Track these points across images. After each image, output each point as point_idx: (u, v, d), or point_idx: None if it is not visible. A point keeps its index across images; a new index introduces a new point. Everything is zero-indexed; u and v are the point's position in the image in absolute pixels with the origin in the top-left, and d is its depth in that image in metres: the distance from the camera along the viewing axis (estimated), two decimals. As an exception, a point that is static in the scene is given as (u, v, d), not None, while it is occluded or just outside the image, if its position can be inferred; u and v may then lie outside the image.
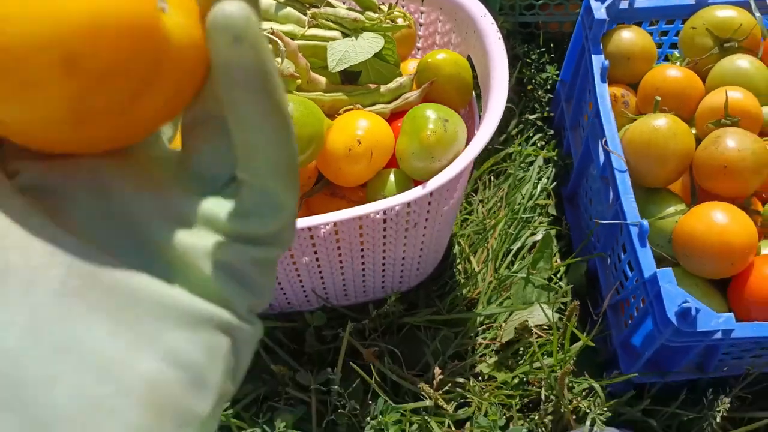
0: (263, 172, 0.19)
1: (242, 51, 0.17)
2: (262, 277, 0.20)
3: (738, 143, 0.65)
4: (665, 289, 0.61)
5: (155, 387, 0.17)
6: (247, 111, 0.18)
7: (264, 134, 0.19)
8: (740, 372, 0.71)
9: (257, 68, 0.17)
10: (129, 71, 0.17)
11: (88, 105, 0.17)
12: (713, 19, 0.76)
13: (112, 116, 0.18)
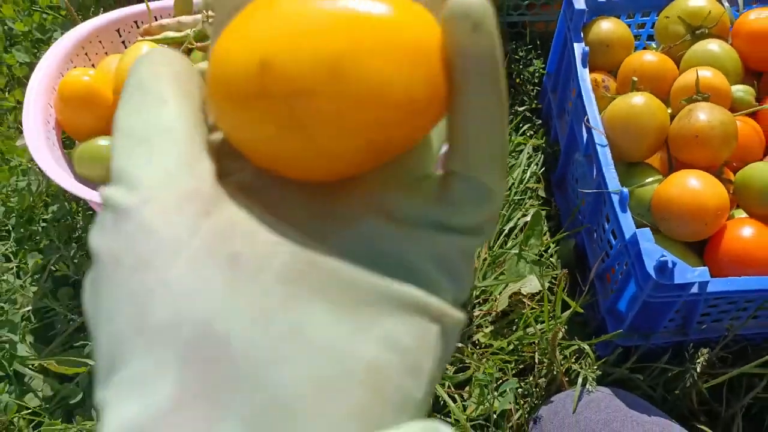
0: (480, 162, 0.20)
1: (480, 38, 0.18)
2: (467, 267, 0.20)
3: (708, 115, 0.71)
4: (644, 247, 0.66)
5: (376, 370, 0.17)
6: (477, 99, 0.19)
7: (487, 123, 0.19)
8: (721, 334, 0.76)
9: (492, 56, 0.18)
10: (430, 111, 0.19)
11: (385, 140, 0.19)
12: (685, 9, 0.82)
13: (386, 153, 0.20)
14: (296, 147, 0.19)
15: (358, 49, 0.18)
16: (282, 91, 0.18)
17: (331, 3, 0.18)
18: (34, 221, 0.87)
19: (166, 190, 0.18)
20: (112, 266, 0.17)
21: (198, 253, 0.17)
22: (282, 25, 0.18)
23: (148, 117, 0.19)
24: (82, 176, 0.77)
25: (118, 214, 0.17)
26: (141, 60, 0.20)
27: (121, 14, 0.87)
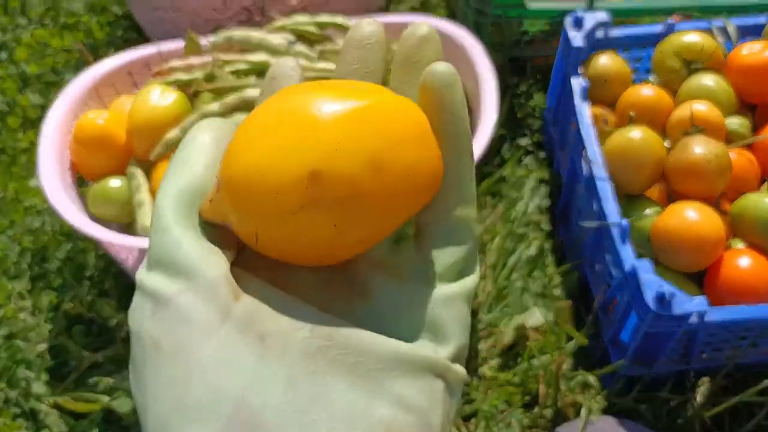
0: (459, 205, 0.22)
1: (454, 92, 0.22)
2: (461, 317, 0.22)
3: (703, 148, 0.73)
4: (643, 278, 0.68)
5: (393, 429, 0.19)
6: (454, 146, 0.22)
7: (463, 167, 0.22)
8: (722, 363, 0.77)
9: (463, 107, 0.22)
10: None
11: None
12: (680, 44, 0.84)
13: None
14: (325, 244, 0.21)
15: (391, 143, 0.20)
16: (333, 197, 0.19)
17: (344, 105, 0.20)
18: (48, 260, 0.89)
19: (198, 279, 0.20)
20: (154, 351, 0.19)
21: (229, 336, 0.19)
22: (316, 134, 0.20)
23: (180, 201, 0.21)
24: (95, 216, 0.79)
25: (158, 302, 0.20)
26: (193, 135, 0.23)
27: (132, 56, 0.90)
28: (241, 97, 0.77)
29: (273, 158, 0.20)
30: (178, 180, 0.22)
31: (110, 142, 0.80)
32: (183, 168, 0.22)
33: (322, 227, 0.20)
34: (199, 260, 0.20)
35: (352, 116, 0.20)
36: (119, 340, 0.82)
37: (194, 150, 0.22)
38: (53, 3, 1.21)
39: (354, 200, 0.20)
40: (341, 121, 0.20)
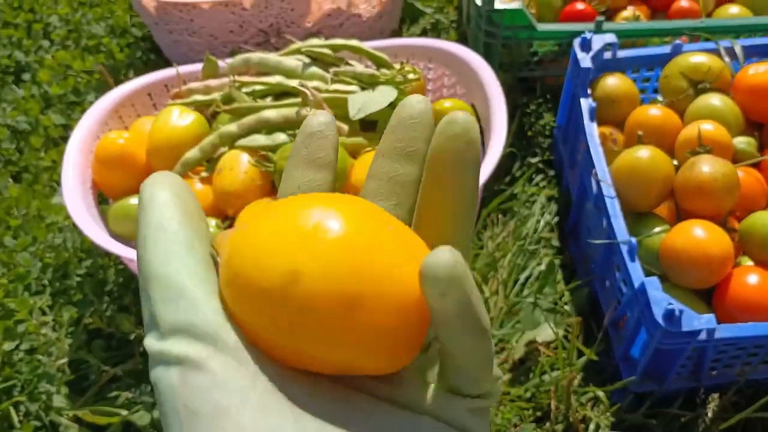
0: (467, 383, 0.23)
1: (448, 304, 0.20)
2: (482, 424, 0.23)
3: (710, 167, 0.74)
4: (652, 295, 0.69)
5: None
6: (455, 345, 0.21)
7: (471, 362, 0.22)
8: (733, 380, 0.78)
9: (461, 315, 0.20)
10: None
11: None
12: (687, 65, 0.86)
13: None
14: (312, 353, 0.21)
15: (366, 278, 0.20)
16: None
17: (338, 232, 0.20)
18: (69, 276, 0.91)
19: (222, 344, 0.20)
20: (192, 418, 0.19)
21: (263, 398, 0.20)
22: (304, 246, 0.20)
23: (180, 266, 0.21)
24: (115, 233, 0.82)
25: (187, 368, 0.20)
26: (151, 193, 0.22)
27: (152, 79, 0.92)
28: (258, 118, 0.80)
29: (262, 254, 0.21)
30: (168, 247, 0.21)
31: (130, 162, 0.82)
32: (163, 234, 0.22)
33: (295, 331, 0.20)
34: (220, 325, 0.20)
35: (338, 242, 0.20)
36: (138, 354, 0.83)
37: (161, 212, 0.22)
38: (75, 26, 1.24)
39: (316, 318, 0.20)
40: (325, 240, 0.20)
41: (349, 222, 0.21)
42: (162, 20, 1.07)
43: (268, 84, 0.84)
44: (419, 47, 0.94)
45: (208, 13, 1.04)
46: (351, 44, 0.89)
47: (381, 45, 0.92)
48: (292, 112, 0.79)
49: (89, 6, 1.29)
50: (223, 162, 0.78)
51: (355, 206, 0.22)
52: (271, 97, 0.85)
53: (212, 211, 0.79)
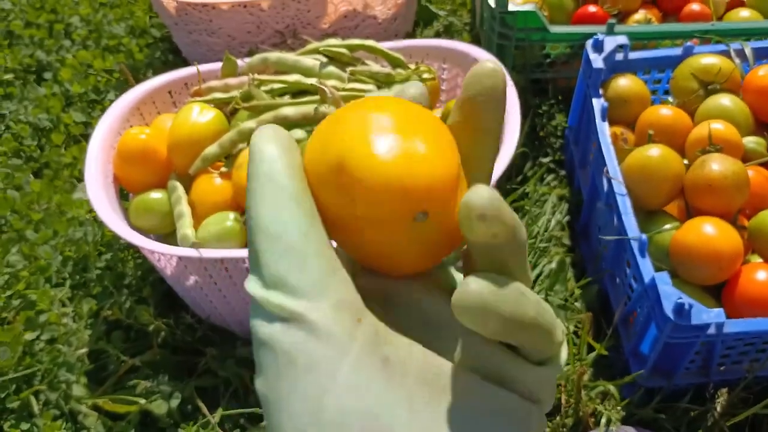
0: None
1: (499, 238, 0.21)
2: (550, 390, 0.24)
3: (721, 165, 0.76)
4: (662, 290, 0.70)
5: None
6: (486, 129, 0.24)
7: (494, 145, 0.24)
8: (741, 375, 0.79)
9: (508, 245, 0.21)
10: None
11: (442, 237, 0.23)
12: (698, 66, 0.87)
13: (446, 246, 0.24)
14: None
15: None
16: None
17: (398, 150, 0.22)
18: (88, 269, 0.94)
19: (323, 299, 0.21)
20: (288, 365, 0.21)
21: (359, 357, 0.21)
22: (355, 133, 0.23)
23: (288, 219, 0.22)
24: (136, 226, 0.83)
25: (288, 318, 0.21)
26: (261, 147, 0.23)
27: (172, 77, 0.94)
28: (276, 115, 0.81)
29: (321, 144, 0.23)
30: (277, 200, 0.22)
31: (152, 157, 0.84)
32: (272, 187, 0.22)
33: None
34: (323, 281, 0.21)
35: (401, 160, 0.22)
36: (156, 345, 0.85)
37: (270, 165, 0.23)
38: (96, 26, 1.27)
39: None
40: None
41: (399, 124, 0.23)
42: (181, 20, 1.09)
43: (287, 82, 0.86)
44: (434, 48, 0.95)
45: (226, 14, 1.06)
46: (367, 44, 0.91)
47: (396, 45, 0.94)
48: (310, 110, 0.81)
49: (110, 7, 1.31)
50: (242, 158, 0.80)
51: (403, 107, 0.24)
52: (288, 96, 0.87)
53: (232, 205, 0.81)
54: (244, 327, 0.88)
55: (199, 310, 0.88)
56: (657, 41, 1.04)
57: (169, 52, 1.23)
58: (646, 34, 1.02)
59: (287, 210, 0.22)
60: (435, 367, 0.22)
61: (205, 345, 0.86)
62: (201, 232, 0.78)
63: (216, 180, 0.82)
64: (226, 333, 0.88)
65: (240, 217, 0.79)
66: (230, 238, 0.77)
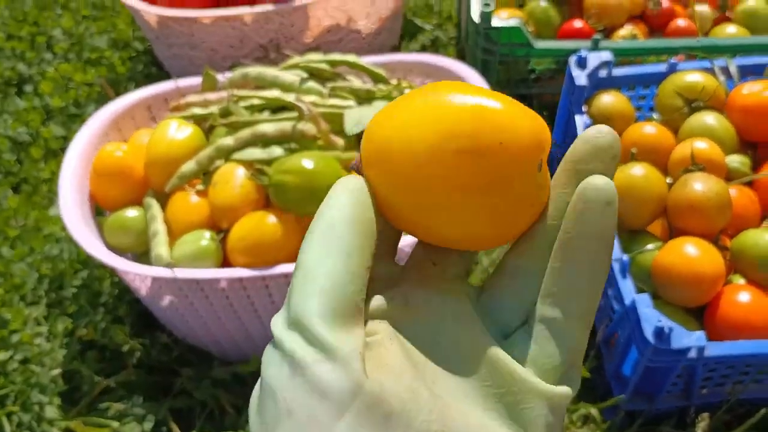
0: (575, 314, 0.23)
1: (608, 217, 0.23)
2: (558, 423, 0.24)
3: (703, 186, 0.75)
4: (642, 313, 0.69)
5: None
6: (593, 259, 0.23)
7: (594, 281, 0.23)
8: (724, 398, 0.78)
9: (613, 228, 0.23)
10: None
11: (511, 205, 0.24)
12: (682, 83, 0.87)
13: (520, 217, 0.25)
14: (461, 215, 0.24)
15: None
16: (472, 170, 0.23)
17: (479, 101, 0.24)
18: (64, 287, 0.92)
19: (337, 350, 0.21)
20: (286, 415, 0.20)
21: (359, 415, 0.20)
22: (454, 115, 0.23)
23: (332, 268, 0.22)
24: (111, 245, 0.82)
25: (296, 366, 0.21)
26: (337, 192, 0.24)
27: (152, 92, 0.93)
28: (254, 131, 0.80)
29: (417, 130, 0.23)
30: (329, 246, 0.23)
31: (128, 174, 0.83)
32: (329, 232, 0.23)
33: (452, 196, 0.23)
34: (339, 334, 0.21)
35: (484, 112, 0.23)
36: (131, 365, 0.84)
37: (337, 211, 0.23)
38: (78, 39, 1.26)
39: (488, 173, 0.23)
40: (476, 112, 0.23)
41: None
42: (163, 34, 1.08)
43: (266, 98, 0.85)
44: (416, 63, 0.94)
45: (208, 28, 1.05)
46: (348, 59, 0.90)
47: (379, 61, 0.93)
48: (288, 126, 0.80)
49: (93, 19, 1.30)
50: (219, 175, 0.79)
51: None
52: (268, 111, 0.86)
53: (208, 223, 0.80)
54: (222, 347, 0.86)
55: (175, 329, 0.86)
56: (643, 57, 1.03)
57: (152, 65, 1.22)
58: (631, 50, 1.01)
59: (335, 259, 0.22)
60: (440, 422, 0.22)
61: (181, 365, 0.85)
62: (176, 251, 0.77)
63: (192, 198, 0.81)
64: (203, 353, 0.87)
65: (216, 236, 0.77)
66: (206, 258, 0.76)
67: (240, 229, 0.76)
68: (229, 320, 0.81)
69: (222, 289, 0.76)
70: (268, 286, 0.75)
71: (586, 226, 0.23)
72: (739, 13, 1.10)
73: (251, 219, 0.76)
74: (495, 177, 0.23)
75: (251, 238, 0.75)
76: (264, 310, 0.79)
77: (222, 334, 0.84)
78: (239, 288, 0.76)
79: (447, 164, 0.23)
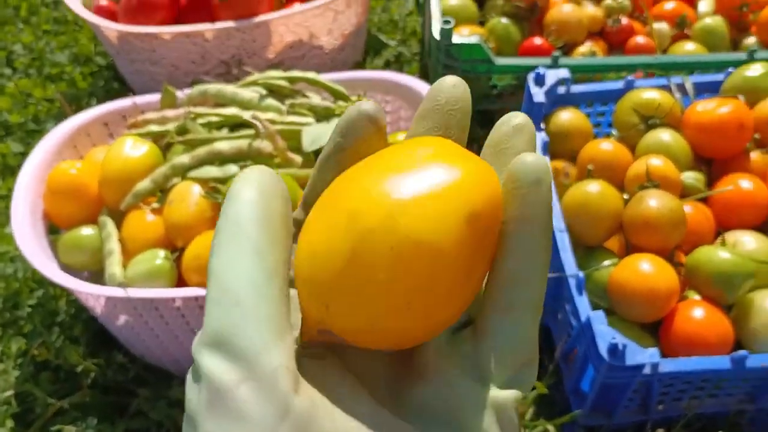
0: (522, 304, 0.22)
1: (541, 194, 0.21)
2: (512, 417, 0.22)
3: (657, 202, 0.75)
4: (597, 329, 0.69)
5: None
6: (528, 244, 0.21)
7: (534, 267, 0.22)
8: (682, 413, 0.78)
9: (549, 207, 0.21)
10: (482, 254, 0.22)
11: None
12: (638, 100, 0.87)
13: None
14: (400, 322, 0.21)
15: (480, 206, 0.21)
16: (416, 268, 0.20)
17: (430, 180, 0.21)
18: (19, 307, 0.90)
19: (260, 368, 0.19)
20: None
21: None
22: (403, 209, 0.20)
23: (243, 272, 0.20)
24: (66, 264, 0.81)
25: (216, 391, 0.19)
26: (238, 188, 0.21)
27: (109, 108, 0.92)
28: (210, 149, 0.80)
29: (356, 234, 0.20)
30: (238, 248, 0.20)
31: (82, 192, 0.82)
32: (236, 233, 0.21)
33: (399, 301, 0.20)
34: (263, 347, 0.19)
35: (442, 192, 0.20)
36: (85, 386, 0.82)
37: (240, 210, 0.21)
38: (39, 54, 1.24)
39: (435, 268, 0.20)
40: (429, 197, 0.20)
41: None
42: (124, 50, 1.07)
43: (224, 115, 0.85)
44: (377, 80, 0.94)
45: (169, 44, 1.04)
46: (308, 76, 0.89)
47: (339, 77, 0.93)
48: (244, 144, 0.79)
49: (54, 34, 1.29)
50: (174, 193, 0.78)
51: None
52: (227, 129, 0.86)
53: (164, 242, 0.79)
54: (180, 365, 0.85)
55: (132, 348, 0.85)
56: (602, 74, 1.04)
57: (113, 80, 1.21)
58: (590, 67, 1.02)
59: (245, 261, 0.20)
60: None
61: (138, 385, 0.83)
62: (130, 271, 0.76)
63: (148, 216, 0.80)
64: (160, 372, 0.85)
65: (171, 255, 0.77)
66: (160, 277, 0.75)
67: (195, 248, 0.75)
68: (186, 339, 0.80)
69: (177, 308, 0.75)
70: (223, 305, 0.74)
71: (520, 208, 0.22)
72: (697, 31, 1.12)
73: (206, 238, 0.75)
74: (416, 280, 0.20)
75: (206, 256, 0.73)
76: (221, 329, 0.78)
77: (180, 352, 0.83)
78: (195, 307, 0.75)
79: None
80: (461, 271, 0.21)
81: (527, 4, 1.12)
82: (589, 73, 1.04)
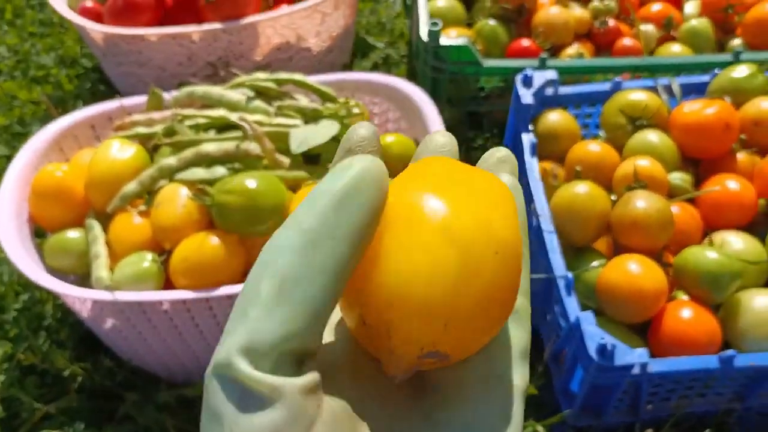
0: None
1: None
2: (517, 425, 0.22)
3: (645, 203, 0.76)
4: (586, 330, 0.69)
5: None
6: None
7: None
8: (671, 413, 0.78)
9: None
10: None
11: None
12: (625, 101, 0.88)
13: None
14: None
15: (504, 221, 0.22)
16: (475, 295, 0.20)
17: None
18: (5, 310, 0.89)
19: (288, 391, 0.18)
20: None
21: None
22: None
23: (316, 289, 0.19)
24: (52, 267, 0.80)
25: (247, 399, 0.18)
26: (359, 187, 0.20)
27: (96, 110, 0.91)
28: (197, 151, 0.79)
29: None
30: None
31: (68, 195, 0.81)
32: (327, 249, 0.20)
33: (504, 300, 0.21)
34: (294, 368, 0.19)
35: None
36: (72, 391, 0.81)
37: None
38: (24, 56, 1.23)
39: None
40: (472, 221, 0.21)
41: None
42: (110, 52, 1.07)
43: (211, 117, 0.84)
44: (364, 82, 0.94)
45: (156, 45, 1.04)
46: (295, 78, 0.89)
47: (327, 79, 0.93)
48: (231, 146, 0.79)
49: (39, 36, 1.28)
50: (162, 196, 0.78)
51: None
52: (214, 130, 0.85)
53: (151, 245, 0.78)
54: (169, 369, 0.85)
55: (120, 351, 0.85)
56: (590, 75, 1.05)
57: (99, 82, 1.20)
58: (577, 68, 1.03)
59: (324, 278, 0.19)
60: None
61: (126, 389, 0.83)
62: (117, 274, 0.75)
63: (135, 219, 0.79)
64: (148, 376, 0.85)
65: (158, 257, 0.76)
66: (147, 280, 0.74)
67: (182, 250, 0.74)
68: (174, 342, 0.79)
69: (165, 311, 0.75)
70: (212, 307, 0.74)
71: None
72: (683, 33, 1.12)
73: (194, 240, 0.74)
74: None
75: (194, 259, 0.73)
76: (209, 331, 0.78)
77: (168, 356, 0.82)
78: (183, 310, 0.74)
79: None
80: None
81: (515, 6, 1.12)
82: (577, 74, 1.04)
